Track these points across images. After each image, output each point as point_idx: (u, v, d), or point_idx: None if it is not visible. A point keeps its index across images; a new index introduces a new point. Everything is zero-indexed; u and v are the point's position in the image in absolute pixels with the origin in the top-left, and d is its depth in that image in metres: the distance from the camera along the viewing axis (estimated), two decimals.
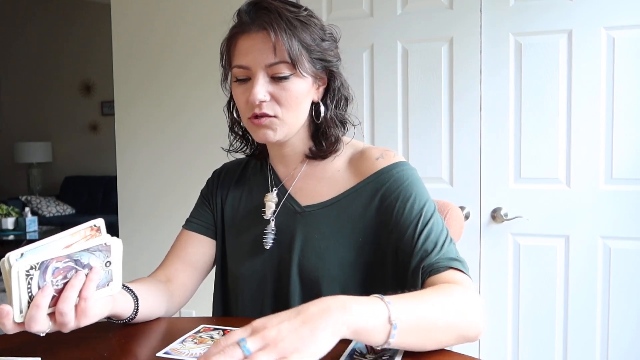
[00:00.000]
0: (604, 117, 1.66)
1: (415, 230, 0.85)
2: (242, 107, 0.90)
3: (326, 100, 0.94)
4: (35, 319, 0.63)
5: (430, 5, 1.82)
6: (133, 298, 0.84)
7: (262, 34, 0.85)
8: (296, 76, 0.87)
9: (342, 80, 0.95)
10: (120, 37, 2.34)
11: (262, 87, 0.86)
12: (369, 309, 0.63)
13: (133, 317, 0.84)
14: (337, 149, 0.96)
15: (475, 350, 1.80)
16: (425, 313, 0.68)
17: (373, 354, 0.73)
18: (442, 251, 0.83)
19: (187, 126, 2.25)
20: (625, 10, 1.63)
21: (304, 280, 0.91)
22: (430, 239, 0.84)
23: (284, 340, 0.56)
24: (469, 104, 1.78)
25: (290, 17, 0.86)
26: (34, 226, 4.71)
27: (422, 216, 0.86)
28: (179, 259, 1.00)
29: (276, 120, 0.88)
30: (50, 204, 5.89)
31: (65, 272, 0.66)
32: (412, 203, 0.87)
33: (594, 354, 1.70)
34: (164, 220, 2.27)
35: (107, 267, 0.70)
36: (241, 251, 0.98)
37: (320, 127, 0.95)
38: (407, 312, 0.66)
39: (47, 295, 0.64)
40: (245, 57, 0.87)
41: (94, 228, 0.69)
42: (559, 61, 1.69)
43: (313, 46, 0.88)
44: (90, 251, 0.67)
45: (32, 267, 0.62)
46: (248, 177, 1.05)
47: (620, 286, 1.67)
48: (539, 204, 1.73)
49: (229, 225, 1.02)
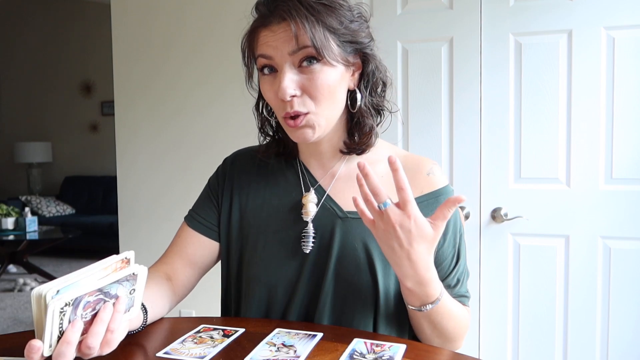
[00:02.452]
0: (604, 117, 1.66)
1: (450, 266, 0.91)
2: (272, 103, 0.84)
3: (361, 86, 0.88)
4: (64, 355, 0.62)
5: (430, 5, 1.82)
6: (143, 311, 0.83)
7: (283, 25, 0.79)
8: (325, 64, 0.80)
9: (377, 63, 0.88)
10: (120, 37, 2.34)
11: (290, 81, 0.79)
12: (434, 282, 0.78)
13: (142, 329, 0.84)
14: (371, 142, 0.90)
15: (475, 350, 1.80)
16: (451, 312, 0.84)
17: (373, 354, 0.73)
18: (461, 288, 0.92)
19: (187, 126, 2.25)
20: (625, 10, 1.63)
21: (337, 290, 0.87)
22: (456, 276, 0.91)
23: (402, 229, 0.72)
24: (469, 104, 1.78)
25: (311, 2, 0.79)
26: (34, 226, 4.71)
27: (456, 252, 0.91)
28: (179, 257, 0.97)
29: (312, 116, 0.82)
30: (50, 204, 5.89)
31: (94, 304, 0.65)
32: (452, 236, 0.91)
33: (594, 353, 1.70)
34: (164, 220, 2.27)
35: (131, 295, 0.70)
36: (273, 253, 0.90)
37: (355, 116, 0.88)
38: (445, 302, 0.82)
39: (77, 330, 0.63)
40: (267, 47, 0.81)
41: (124, 260, 0.68)
42: (559, 61, 1.69)
43: (341, 29, 0.81)
44: (119, 282, 0.67)
45: (67, 304, 0.61)
46: (272, 170, 0.97)
47: (620, 286, 1.67)
48: (539, 204, 1.73)
49: (252, 225, 0.94)
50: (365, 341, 0.77)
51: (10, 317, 3.71)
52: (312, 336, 0.79)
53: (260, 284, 0.90)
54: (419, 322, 0.83)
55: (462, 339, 0.90)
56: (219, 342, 0.78)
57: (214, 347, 0.76)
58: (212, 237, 0.98)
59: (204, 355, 0.73)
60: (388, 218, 0.72)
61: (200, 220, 0.98)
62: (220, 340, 0.79)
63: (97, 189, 6.07)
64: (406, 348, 0.75)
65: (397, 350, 0.74)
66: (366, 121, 0.89)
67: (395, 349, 0.74)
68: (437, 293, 0.79)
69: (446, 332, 0.85)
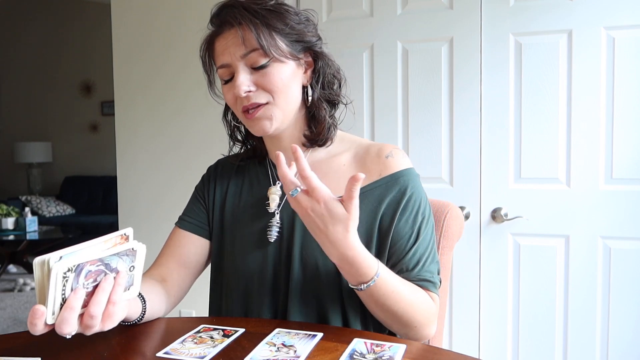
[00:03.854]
0: (604, 117, 1.66)
1: (406, 246, 0.91)
2: (232, 104, 0.93)
3: (312, 82, 0.95)
4: (67, 321, 0.64)
5: (430, 5, 1.82)
6: (141, 300, 0.84)
7: (233, 31, 0.88)
8: (275, 61, 0.88)
9: (327, 60, 0.96)
10: (120, 37, 2.34)
11: (244, 78, 0.87)
12: (365, 261, 0.80)
13: (140, 319, 0.85)
14: (330, 134, 0.97)
15: (475, 350, 1.80)
16: (399, 294, 0.83)
17: (373, 354, 0.73)
18: (422, 271, 0.90)
19: (187, 126, 2.25)
20: (625, 10, 1.63)
21: (305, 274, 0.92)
22: (416, 258, 0.90)
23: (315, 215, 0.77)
24: (469, 104, 1.78)
25: (256, 8, 0.88)
26: (34, 226, 4.71)
27: (414, 232, 0.91)
28: (172, 259, 1.00)
29: (269, 106, 0.89)
30: (50, 204, 5.89)
31: (96, 275, 0.67)
32: (411, 216, 0.92)
33: (594, 353, 1.70)
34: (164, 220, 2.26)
35: (131, 272, 0.71)
36: (243, 245, 0.97)
37: (311, 110, 0.96)
38: (386, 281, 0.82)
39: (80, 297, 0.65)
40: (222, 55, 0.90)
41: (123, 237, 0.70)
42: (559, 61, 1.69)
43: (286, 29, 0.89)
44: (119, 255, 0.69)
45: (69, 270, 0.63)
46: (247, 171, 1.04)
47: (620, 286, 1.67)
48: (539, 204, 1.73)
49: (229, 221, 1.01)
50: (365, 341, 0.77)
51: (10, 317, 3.71)
52: (312, 336, 0.79)
53: (235, 276, 0.97)
54: (366, 302, 0.86)
55: (425, 327, 0.88)
56: (219, 342, 0.78)
57: (214, 347, 0.76)
58: (203, 235, 1.02)
59: (204, 355, 0.74)
60: (299, 204, 0.77)
61: (190, 220, 1.03)
62: (220, 340, 0.79)
63: (97, 189, 6.07)
64: (406, 348, 0.75)
65: (397, 350, 0.74)
66: (320, 113, 0.95)
67: (395, 349, 0.75)
68: (372, 272, 0.80)
69: (397, 315, 0.84)
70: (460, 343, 1.81)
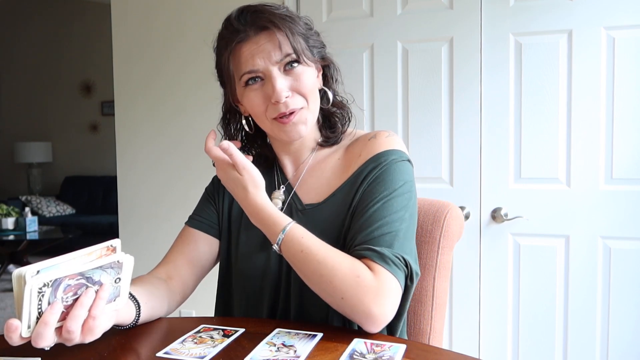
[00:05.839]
0: (604, 117, 1.66)
1: (364, 208, 0.87)
2: (261, 109, 0.89)
3: (329, 85, 0.98)
4: (42, 336, 0.63)
5: (430, 5, 1.82)
6: (135, 305, 0.83)
7: (264, 34, 0.87)
8: (304, 65, 0.89)
9: (334, 64, 0.99)
10: (120, 37, 2.34)
11: (283, 84, 0.87)
12: (273, 216, 0.86)
13: (135, 324, 0.85)
14: (344, 131, 1.00)
15: (475, 350, 1.80)
16: (309, 255, 0.82)
17: (373, 354, 0.73)
18: (370, 238, 0.83)
19: (187, 126, 2.25)
20: (625, 10, 1.63)
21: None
22: (368, 221, 0.85)
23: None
24: (469, 104, 1.78)
25: (280, 13, 0.88)
26: (34, 226, 4.71)
27: (377, 199, 0.87)
28: (181, 256, 1.00)
29: (304, 111, 0.90)
30: (50, 204, 5.89)
31: (76, 289, 0.66)
32: (380, 184, 0.88)
33: (594, 353, 1.70)
34: (164, 220, 2.27)
35: (117, 284, 0.70)
36: (247, 247, 0.98)
37: (329, 112, 0.98)
38: (297, 238, 0.83)
39: (55, 312, 0.64)
40: (253, 60, 0.87)
41: (110, 248, 0.69)
42: (559, 61, 1.69)
43: (306, 35, 0.91)
44: (102, 268, 0.67)
45: (45, 285, 0.62)
46: None
47: (620, 286, 1.67)
48: (539, 204, 1.73)
49: (237, 223, 1.01)
50: (365, 341, 0.77)
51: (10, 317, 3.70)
52: (312, 336, 0.79)
53: (239, 277, 0.98)
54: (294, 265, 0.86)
55: (358, 302, 0.78)
56: (219, 342, 0.78)
57: (214, 347, 0.77)
58: (213, 235, 1.03)
59: (204, 355, 0.74)
60: (221, 176, 0.91)
61: (201, 220, 1.03)
62: (220, 340, 0.79)
63: (97, 189, 6.07)
64: (406, 348, 0.75)
65: (397, 350, 0.74)
66: (335, 115, 0.99)
67: (395, 349, 0.75)
68: (278, 229, 0.84)
69: (313, 279, 0.81)
70: (460, 343, 1.81)
